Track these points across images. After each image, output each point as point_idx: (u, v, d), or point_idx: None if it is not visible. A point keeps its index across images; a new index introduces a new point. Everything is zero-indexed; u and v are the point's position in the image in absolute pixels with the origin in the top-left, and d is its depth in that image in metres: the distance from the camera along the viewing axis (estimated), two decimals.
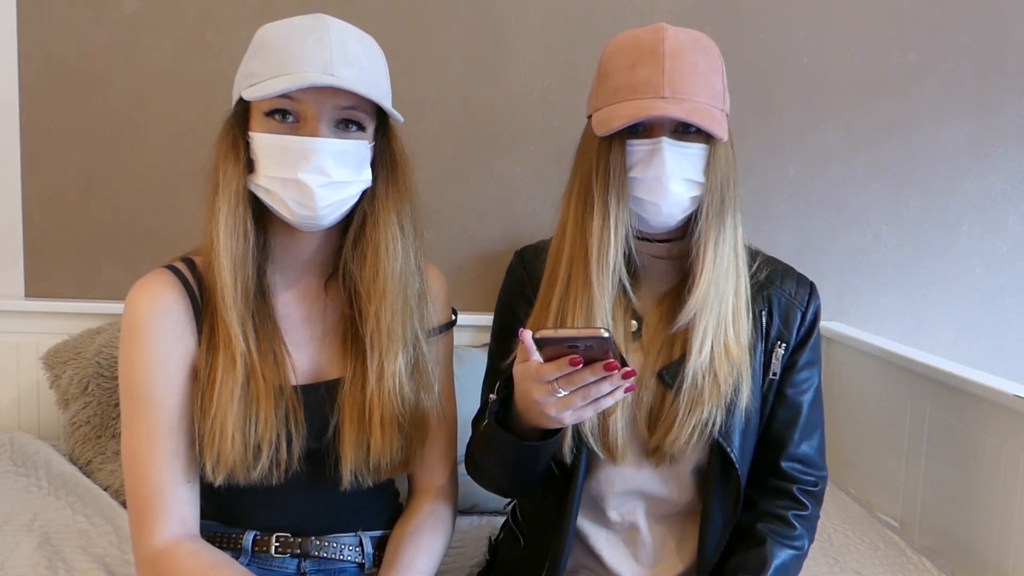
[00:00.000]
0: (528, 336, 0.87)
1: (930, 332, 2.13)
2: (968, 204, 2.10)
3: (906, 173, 2.08)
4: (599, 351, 0.84)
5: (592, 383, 0.87)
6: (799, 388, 1.12)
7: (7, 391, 1.91)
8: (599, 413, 0.95)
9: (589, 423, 1.04)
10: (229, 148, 0.99)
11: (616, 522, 1.12)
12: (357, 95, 0.96)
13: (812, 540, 1.13)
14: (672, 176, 0.99)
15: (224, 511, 1.07)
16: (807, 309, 1.13)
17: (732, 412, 1.05)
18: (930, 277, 2.12)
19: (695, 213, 1.04)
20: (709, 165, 1.02)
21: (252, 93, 0.95)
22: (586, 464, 1.07)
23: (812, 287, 1.15)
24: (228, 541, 1.07)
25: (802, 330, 1.13)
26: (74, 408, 1.70)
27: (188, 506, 1.01)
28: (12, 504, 1.52)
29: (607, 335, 0.82)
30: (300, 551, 1.07)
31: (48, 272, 1.94)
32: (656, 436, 1.06)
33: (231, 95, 1.03)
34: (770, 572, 1.05)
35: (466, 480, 1.17)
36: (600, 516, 1.13)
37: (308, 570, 1.08)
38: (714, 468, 1.08)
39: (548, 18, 1.96)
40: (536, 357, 0.88)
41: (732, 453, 1.06)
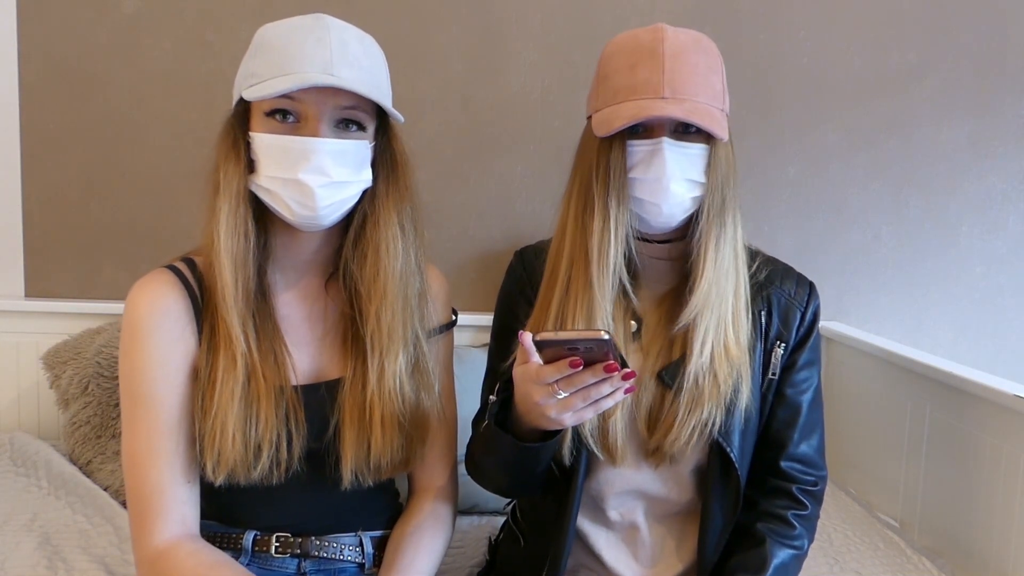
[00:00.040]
0: (528, 338, 0.87)
1: (930, 332, 2.13)
2: (968, 204, 2.10)
3: (906, 173, 2.08)
4: (599, 353, 0.84)
5: (592, 385, 0.86)
6: (798, 388, 1.12)
7: (7, 391, 1.91)
8: (599, 415, 0.96)
9: (589, 424, 1.04)
10: (230, 148, 0.99)
11: (616, 522, 1.12)
12: (357, 95, 0.96)
13: (812, 540, 1.13)
14: (673, 177, 0.99)
15: (224, 511, 1.07)
16: (806, 309, 1.13)
17: (731, 412, 1.05)
18: (930, 277, 2.12)
19: (695, 213, 1.04)
20: (710, 165, 1.02)
21: (252, 93, 0.95)
22: (586, 465, 1.07)
23: (812, 287, 1.15)
24: (228, 541, 1.07)
25: (801, 330, 1.13)
26: (74, 408, 1.70)
27: (188, 506, 1.01)
28: (12, 504, 1.52)
29: (607, 337, 0.82)
30: (300, 551, 1.07)
31: (48, 272, 1.94)
32: (656, 437, 1.06)
33: (231, 95, 1.03)
34: (769, 572, 1.05)
35: (466, 480, 1.17)
36: (600, 516, 1.13)
37: (308, 570, 1.08)
38: (714, 468, 1.08)
39: (548, 18, 1.96)
40: (536, 359, 0.88)
41: (732, 453, 1.06)
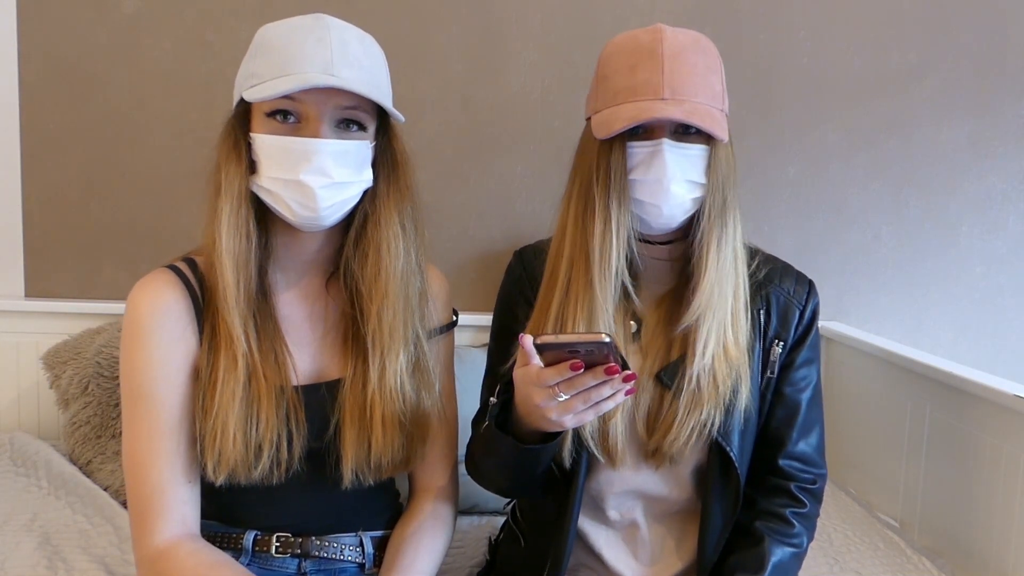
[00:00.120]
0: (528, 341, 0.87)
1: (930, 332, 2.13)
2: (968, 204, 2.10)
3: (906, 173, 2.08)
4: (600, 355, 0.84)
5: (593, 387, 0.86)
6: (797, 386, 1.12)
7: (7, 391, 1.91)
8: (599, 417, 0.95)
9: (589, 427, 1.04)
10: (231, 149, 0.99)
11: (616, 521, 1.12)
12: (358, 95, 0.96)
13: (812, 538, 1.13)
14: (673, 178, 0.99)
15: (225, 511, 1.07)
16: (805, 307, 1.13)
17: (731, 412, 1.05)
18: (930, 277, 2.12)
19: (696, 214, 1.04)
20: (710, 166, 1.02)
21: (253, 94, 0.95)
22: (586, 465, 1.07)
23: (811, 285, 1.15)
24: (229, 541, 1.07)
25: (800, 328, 1.12)
26: (74, 408, 1.70)
27: (188, 506, 1.01)
28: (12, 504, 1.52)
29: (608, 339, 0.81)
30: (300, 551, 1.07)
31: (48, 272, 1.94)
32: (655, 438, 1.05)
33: (231, 95, 1.03)
34: (768, 570, 1.05)
35: (466, 480, 1.17)
36: (600, 515, 1.13)
37: (308, 570, 1.08)
38: (713, 468, 1.08)
39: (548, 18, 1.96)
40: (536, 361, 0.88)
41: (731, 452, 1.06)
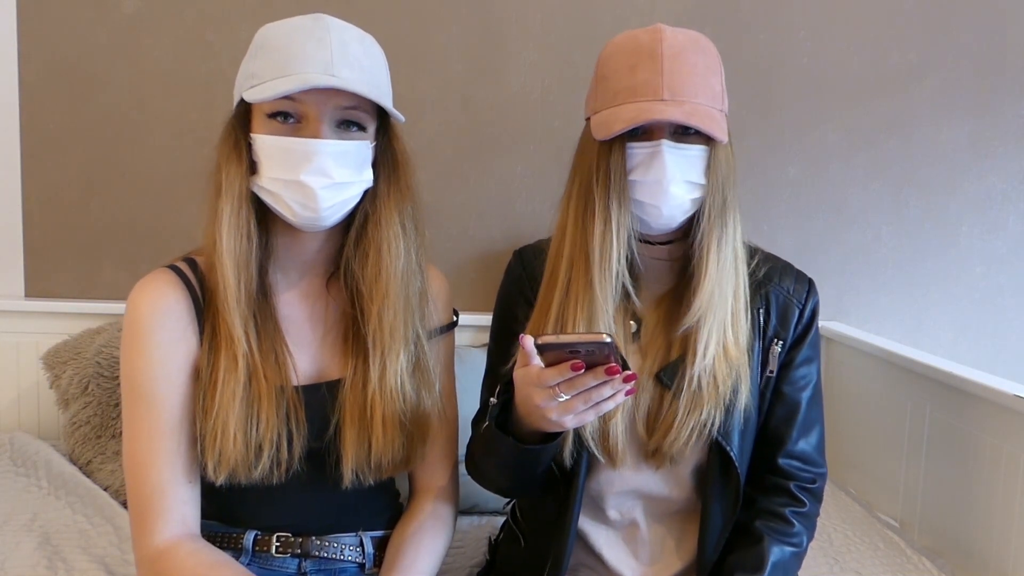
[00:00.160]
0: (529, 341, 0.87)
1: (930, 332, 2.13)
2: (968, 204, 2.10)
3: (906, 173, 2.08)
4: (600, 355, 0.84)
5: (594, 387, 0.86)
6: (796, 385, 1.12)
7: (7, 391, 1.91)
8: (599, 417, 0.95)
9: (590, 427, 1.03)
10: (231, 150, 0.99)
11: (615, 520, 1.12)
12: (358, 95, 0.96)
13: (812, 537, 1.13)
14: (673, 179, 0.99)
15: (225, 511, 1.07)
16: (805, 306, 1.13)
17: (731, 412, 1.05)
18: (930, 277, 2.12)
19: (697, 214, 1.04)
20: (710, 166, 1.02)
21: (253, 95, 0.95)
22: (587, 465, 1.07)
23: (811, 283, 1.15)
24: (229, 541, 1.07)
25: (799, 327, 1.12)
26: (74, 408, 1.70)
27: (189, 506, 1.01)
28: (12, 504, 1.52)
29: (609, 340, 0.81)
30: (301, 551, 1.07)
31: (48, 272, 1.94)
32: (655, 438, 1.05)
33: (231, 95, 1.03)
34: (767, 570, 1.05)
35: (466, 480, 1.17)
36: (599, 514, 1.13)
37: (308, 570, 1.08)
38: (713, 467, 1.08)
39: (548, 18, 1.96)
40: (537, 362, 0.88)
41: (731, 452, 1.06)
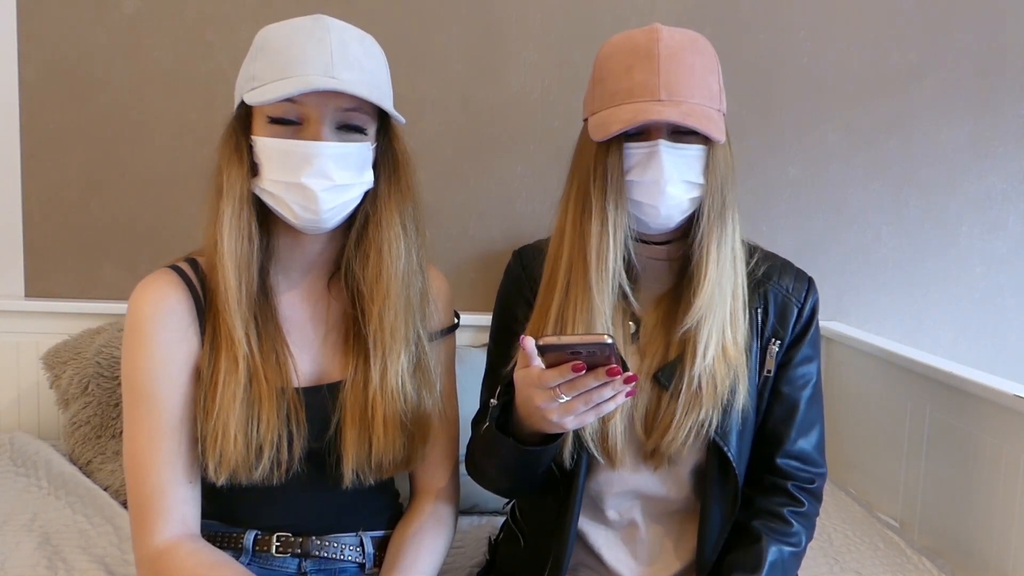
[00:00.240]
0: (530, 343, 0.86)
1: (930, 332, 2.13)
2: (968, 204, 2.10)
3: (906, 173, 2.08)
4: (601, 356, 0.84)
5: (594, 388, 0.86)
6: (795, 385, 1.12)
7: (7, 391, 1.91)
8: (599, 418, 0.95)
9: (590, 428, 1.03)
10: (232, 151, 0.99)
11: (614, 520, 1.12)
12: (359, 97, 0.96)
13: (811, 537, 1.12)
14: (670, 179, 0.99)
15: (225, 511, 1.07)
16: (804, 304, 1.12)
17: (728, 413, 1.05)
18: (930, 277, 2.12)
19: (696, 214, 1.03)
20: (708, 166, 1.02)
21: (254, 97, 0.95)
22: (586, 466, 1.07)
23: (810, 282, 1.14)
24: (229, 541, 1.07)
25: (798, 326, 1.12)
26: (74, 408, 1.70)
27: (189, 506, 1.01)
28: (12, 504, 1.52)
29: (610, 341, 0.81)
30: (301, 551, 1.07)
31: (48, 272, 1.94)
32: (653, 438, 1.05)
33: (231, 95, 1.03)
34: (765, 569, 1.04)
35: (466, 480, 1.17)
36: (598, 515, 1.13)
37: (309, 570, 1.08)
38: (712, 468, 1.07)
39: (548, 18, 1.96)
40: (537, 363, 0.88)
41: (729, 453, 1.06)
